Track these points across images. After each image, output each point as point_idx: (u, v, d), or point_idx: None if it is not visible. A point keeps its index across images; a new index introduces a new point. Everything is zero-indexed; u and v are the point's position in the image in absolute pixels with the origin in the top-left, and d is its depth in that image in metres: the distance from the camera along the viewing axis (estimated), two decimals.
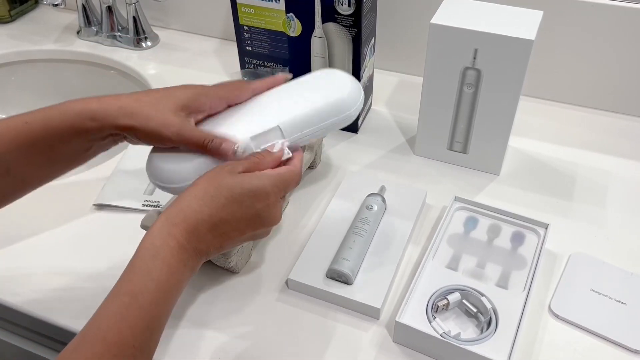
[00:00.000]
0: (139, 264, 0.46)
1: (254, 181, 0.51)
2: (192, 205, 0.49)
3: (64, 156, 0.57)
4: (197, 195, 0.50)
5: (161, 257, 0.47)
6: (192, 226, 0.49)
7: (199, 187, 0.50)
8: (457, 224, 0.70)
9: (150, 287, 0.46)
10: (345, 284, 0.63)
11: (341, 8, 0.75)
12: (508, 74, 0.70)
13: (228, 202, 0.50)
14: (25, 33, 1.13)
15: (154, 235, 0.47)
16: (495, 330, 0.58)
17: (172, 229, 0.48)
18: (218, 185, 0.50)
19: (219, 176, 0.51)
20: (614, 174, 0.80)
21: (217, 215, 0.50)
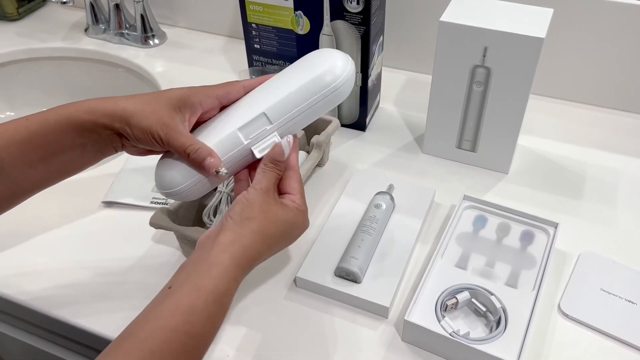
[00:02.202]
0: (202, 307, 0.46)
1: (292, 213, 0.54)
2: (255, 245, 0.50)
3: (59, 156, 0.56)
4: (258, 233, 0.51)
5: (222, 304, 0.48)
6: (251, 266, 0.51)
7: (257, 222, 0.51)
8: (466, 222, 0.70)
9: (205, 334, 0.47)
10: (354, 282, 0.63)
11: (350, 6, 0.75)
12: (518, 72, 0.69)
13: (279, 235, 0.53)
14: (33, 31, 1.13)
15: (222, 278, 0.48)
16: (505, 330, 0.58)
17: (238, 273, 0.49)
18: (271, 219, 0.52)
19: (271, 209, 0.52)
20: (624, 172, 0.79)
21: (269, 246, 0.52)
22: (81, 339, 0.64)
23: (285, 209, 0.54)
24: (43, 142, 0.55)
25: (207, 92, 0.57)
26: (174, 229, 0.64)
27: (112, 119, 0.54)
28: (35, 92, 1.13)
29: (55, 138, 0.55)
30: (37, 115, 0.55)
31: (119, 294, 0.65)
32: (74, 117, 0.54)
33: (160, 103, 0.55)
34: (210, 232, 0.52)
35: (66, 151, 0.56)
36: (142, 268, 0.68)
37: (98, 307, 0.63)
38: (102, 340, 0.61)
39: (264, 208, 0.52)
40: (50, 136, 0.55)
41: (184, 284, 0.47)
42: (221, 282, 0.47)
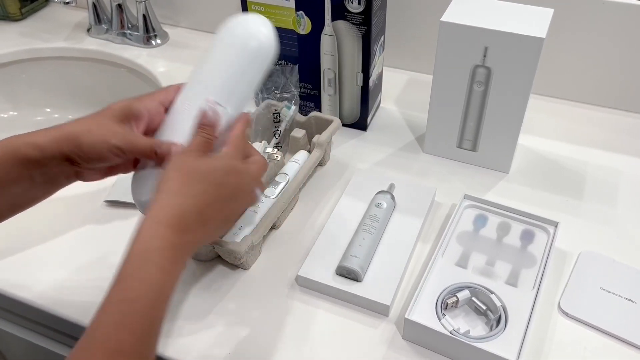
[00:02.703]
0: (132, 271, 0.45)
1: (218, 161, 0.52)
2: (173, 200, 0.48)
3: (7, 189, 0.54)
4: (173, 189, 0.49)
5: (154, 262, 0.46)
6: (179, 220, 0.48)
7: (171, 180, 0.49)
8: (466, 221, 0.71)
9: (146, 292, 0.45)
10: (355, 281, 0.64)
11: (351, 6, 0.75)
12: (518, 72, 0.70)
13: (205, 186, 0.50)
14: (36, 31, 1.14)
15: (143, 240, 0.46)
16: (505, 328, 0.58)
17: (161, 229, 0.47)
18: (189, 172, 0.50)
19: (185, 164, 0.50)
20: (624, 172, 0.80)
21: (200, 202, 0.49)
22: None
23: (203, 159, 0.51)
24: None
25: (149, 97, 0.57)
26: None
27: (60, 144, 0.52)
28: (38, 92, 1.13)
29: (2, 172, 0.53)
30: None
31: None
32: (20, 152, 0.52)
33: (105, 118, 0.54)
34: None
35: (13, 185, 0.54)
36: None
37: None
38: None
39: (179, 166, 0.50)
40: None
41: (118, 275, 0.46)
42: (144, 243, 0.46)
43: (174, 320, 0.62)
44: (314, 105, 0.89)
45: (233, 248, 0.61)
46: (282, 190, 0.71)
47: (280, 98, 0.82)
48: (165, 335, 0.61)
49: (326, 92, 0.87)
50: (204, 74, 0.57)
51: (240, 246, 0.61)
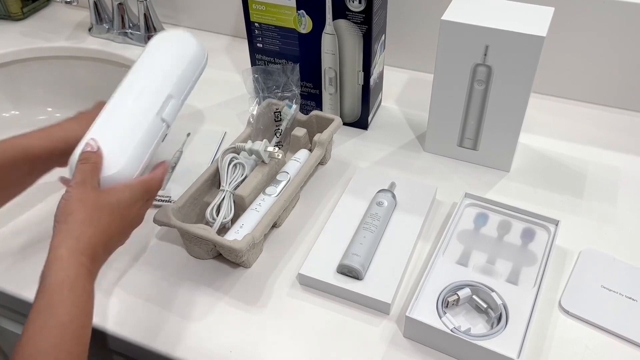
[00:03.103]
0: (61, 297, 0.49)
1: (125, 194, 0.57)
2: (86, 231, 0.53)
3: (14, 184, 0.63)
4: (85, 221, 0.53)
5: (80, 287, 0.50)
6: (93, 250, 0.53)
7: (79, 213, 0.53)
8: (467, 220, 0.71)
9: (78, 315, 0.49)
10: (356, 279, 0.64)
11: (352, 5, 0.75)
12: (519, 71, 0.70)
13: (112, 219, 0.55)
14: (37, 30, 1.14)
15: (66, 268, 0.50)
16: (506, 326, 0.58)
17: (82, 258, 0.51)
18: (96, 206, 0.55)
19: (90, 197, 0.55)
20: (625, 170, 0.80)
21: (108, 233, 0.55)
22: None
23: (105, 193, 0.56)
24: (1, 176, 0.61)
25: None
26: (178, 226, 0.64)
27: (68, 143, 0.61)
28: (40, 91, 1.13)
29: (13, 171, 0.61)
30: None
31: (123, 291, 0.65)
32: (31, 152, 0.61)
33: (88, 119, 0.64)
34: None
35: (20, 180, 0.63)
36: (146, 265, 0.68)
37: (103, 304, 0.64)
38: (107, 336, 0.62)
39: (82, 198, 0.54)
40: (7, 169, 0.61)
41: (39, 292, 0.49)
42: (67, 271, 0.50)
43: (175, 318, 0.62)
44: (315, 104, 0.89)
45: (234, 246, 0.61)
46: (283, 189, 0.71)
47: (281, 97, 0.83)
48: (167, 334, 0.61)
49: (327, 91, 0.87)
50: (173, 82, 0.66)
51: (241, 244, 0.62)
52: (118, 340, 0.62)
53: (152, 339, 0.60)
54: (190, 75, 0.69)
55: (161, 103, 0.64)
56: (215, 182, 0.73)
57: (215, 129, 0.87)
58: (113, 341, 0.62)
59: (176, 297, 0.64)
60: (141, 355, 0.62)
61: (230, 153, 0.73)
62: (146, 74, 0.66)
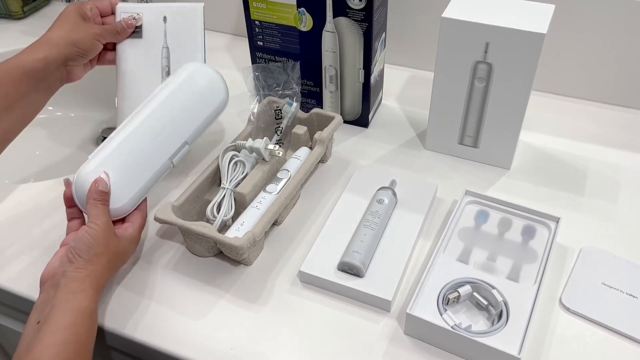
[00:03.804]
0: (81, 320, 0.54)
1: (132, 246, 0.64)
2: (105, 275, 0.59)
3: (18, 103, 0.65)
4: (105, 266, 0.59)
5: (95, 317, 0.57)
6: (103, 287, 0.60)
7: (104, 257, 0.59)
8: (468, 217, 0.71)
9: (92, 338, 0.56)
10: (357, 276, 0.64)
11: (352, 3, 0.75)
12: (519, 68, 0.70)
13: (120, 263, 0.63)
14: (38, 29, 1.13)
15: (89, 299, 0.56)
16: (506, 323, 0.58)
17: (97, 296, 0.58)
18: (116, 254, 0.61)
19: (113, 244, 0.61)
20: (626, 168, 0.80)
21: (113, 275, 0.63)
22: None
23: (121, 240, 0.62)
24: (2, 95, 0.63)
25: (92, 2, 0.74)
26: (179, 224, 0.64)
27: (60, 50, 0.66)
28: None
29: (11, 88, 0.64)
30: (24, 56, 0.65)
31: (123, 289, 0.65)
32: (27, 67, 0.65)
33: (74, 20, 0.69)
34: (52, 268, 0.59)
35: (23, 98, 0.65)
36: (147, 263, 0.68)
37: (104, 302, 0.64)
38: (109, 335, 0.62)
39: (108, 243, 0.60)
40: (5, 88, 0.63)
41: (55, 313, 0.54)
42: (89, 302, 0.56)
43: (176, 316, 0.62)
44: (316, 102, 0.89)
45: (235, 244, 0.61)
46: (284, 187, 0.71)
47: (281, 95, 0.83)
48: (168, 331, 0.61)
49: (328, 89, 0.87)
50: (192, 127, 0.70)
51: (242, 242, 0.62)
52: (118, 338, 0.62)
53: (152, 336, 0.60)
54: (209, 122, 0.71)
55: (175, 149, 0.68)
56: (216, 179, 0.73)
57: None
58: (113, 338, 0.62)
59: (177, 295, 0.65)
60: (141, 353, 0.62)
61: (230, 151, 0.73)
62: (170, 114, 0.67)
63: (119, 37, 0.73)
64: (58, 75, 0.68)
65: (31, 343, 0.52)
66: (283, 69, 0.83)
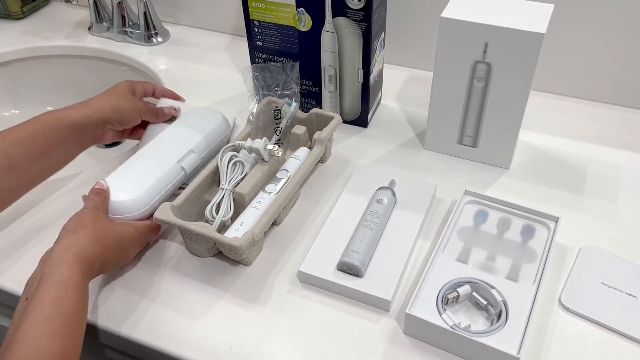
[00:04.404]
0: (65, 293, 0.54)
1: (129, 230, 0.64)
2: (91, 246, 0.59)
3: (56, 150, 0.69)
4: (92, 237, 0.59)
5: (82, 287, 0.56)
6: (92, 264, 0.58)
7: (90, 229, 0.60)
8: (467, 217, 0.71)
9: (79, 311, 0.55)
10: (356, 276, 0.64)
11: (351, 2, 0.75)
12: (519, 68, 0.70)
13: (113, 245, 0.62)
14: (37, 29, 1.14)
15: (70, 269, 0.55)
16: (506, 323, 0.58)
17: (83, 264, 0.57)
18: (105, 229, 0.62)
19: (102, 220, 0.62)
20: (625, 167, 0.80)
21: (105, 255, 0.60)
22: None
23: (115, 223, 0.64)
24: (44, 139, 0.68)
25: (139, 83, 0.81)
26: (178, 224, 0.64)
27: (105, 112, 0.73)
28: (40, 90, 1.13)
29: (53, 135, 0.68)
30: (32, 120, 0.68)
31: (123, 288, 0.65)
32: (72, 119, 0.70)
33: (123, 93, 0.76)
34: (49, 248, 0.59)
35: (62, 146, 0.70)
36: (146, 262, 0.68)
37: (103, 301, 0.64)
38: (105, 333, 0.62)
39: (95, 219, 0.62)
40: (48, 133, 0.68)
41: (40, 288, 0.53)
42: (71, 273, 0.55)
43: (175, 316, 0.62)
44: (315, 102, 0.89)
45: (234, 244, 0.61)
46: (283, 187, 0.71)
47: (281, 95, 0.83)
48: (167, 331, 0.61)
49: (327, 89, 0.87)
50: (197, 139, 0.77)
51: (241, 242, 0.62)
52: (116, 337, 0.62)
53: (151, 336, 0.60)
54: (213, 139, 0.79)
55: (182, 154, 0.73)
56: (215, 179, 0.73)
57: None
58: (111, 338, 0.62)
59: (176, 295, 0.65)
60: (140, 353, 0.62)
61: (230, 151, 0.73)
62: (171, 137, 0.76)
63: (157, 119, 0.80)
64: (95, 133, 0.73)
65: (19, 321, 0.52)
66: (282, 69, 0.83)
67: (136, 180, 0.69)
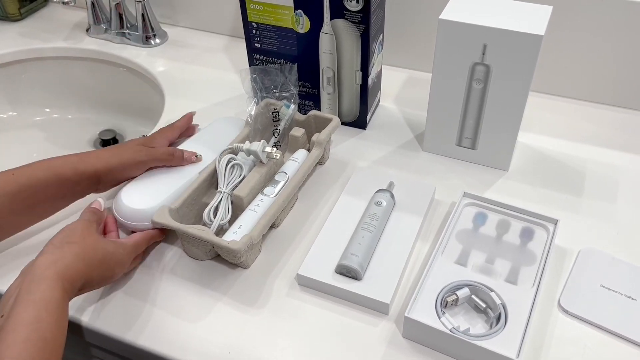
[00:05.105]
0: (45, 315, 0.50)
1: (118, 250, 0.61)
2: (75, 265, 0.55)
3: (42, 205, 0.66)
4: (78, 255, 0.56)
5: (62, 308, 0.52)
6: (74, 283, 0.55)
7: (77, 246, 0.57)
8: (466, 219, 0.70)
9: (58, 335, 0.51)
10: (354, 279, 0.64)
11: (350, 4, 0.75)
12: (517, 70, 0.70)
13: (99, 265, 0.59)
14: (35, 31, 1.14)
15: (52, 288, 0.52)
16: (505, 326, 0.58)
17: (65, 283, 0.54)
18: (93, 247, 0.58)
19: (92, 237, 0.60)
20: (624, 169, 0.80)
21: (90, 274, 0.57)
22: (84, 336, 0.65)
23: (105, 241, 0.61)
24: (30, 194, 0.63)
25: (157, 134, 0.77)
26: (176, 227, 0.64)
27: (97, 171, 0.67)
28: (38, 92, 1.13)
29: (42, 190, 0.64)
30: (23, 169, 0.64)
31: (120, 292, 0.65)
32: (62, 174, 0.65)
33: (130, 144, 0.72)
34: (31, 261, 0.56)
35: (50, 200, 0.66)
36: (144, 266, 0.68)
37: (101, 305, 0.64)
38: (103, 337, 0.62)
39: (84, 235, 0.59)
40: (37, 188, 0.64)
41: (17, 305, 0.50)
42: (53, 292, 0.52)
43: (173, 319, 0.62)
44: (313, 104, 0.89)
45: (232, 247, 0.61)
46: (282, 189, 0.71)
47: (279, 97, 0.82)
48: (165, 335, 0.61)
49: (325, 91, 0.87)
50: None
51: (239, 245, 0.61)
52: (113, 341, 0.61)
53: (149, 340, 0.60)
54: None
55: (204, 165, 0.74)
56: (214, 182, 0.73)
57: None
58: (108, 342, 0.62)
59: (174, 298, 0.64)
60: (137, 357, 0.61)
61: (228, 154, 0.73)
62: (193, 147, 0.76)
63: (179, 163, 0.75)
64: (86, 188, 0.68)
65: None
66: (280, 71, 0.82)
67: (156, 189, 0.70)
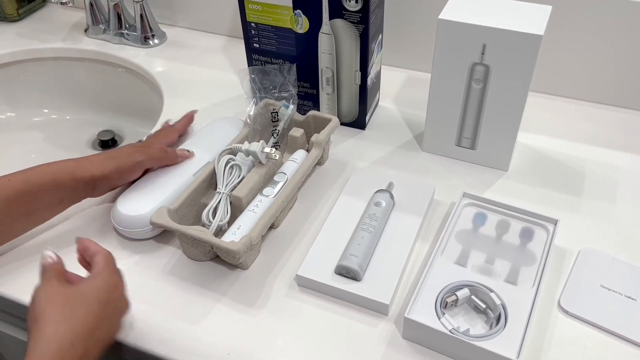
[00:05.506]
0: None
1: (97, 280, 0.54)
2: (59, 331, 0.49)
3: (39, 210, 0.65)
4: (57, 320, 0.50)
5: None
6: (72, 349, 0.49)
7: (49, 312, 0.50)
8: (465, 220, 0.70)
9: None
10: (354, 280, 0.63)
11: (349, 4, 0.75)
12: (517, 70, 0.70)
13: (88, 309, 0.52)
14: (33, 31, 1.14)
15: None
16: (505, 326, 0.58)
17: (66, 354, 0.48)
18: (67, 300, 0.51)
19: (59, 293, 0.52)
20: (624, 169, 0.80)
21: (86, 325, 0.51)
22: None
23: (75, 286, 0.53)
24: (27, 200, 0.63)
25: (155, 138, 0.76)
26: (175, 228, 0.64)
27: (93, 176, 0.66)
28: (36, 93, 1.13)
29: (38, 196, 0.64)
30: (19, 175, 0.63)
31: None
32: (58, 179, 0.64)
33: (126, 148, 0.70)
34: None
35: (46, 206, 0.65)
36: (143, 267, 0.68)
37: None
38: None
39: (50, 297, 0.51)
40: (33, 194, 0.63)
41: None
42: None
43: (172, 320, 0.62)
44: (312, 104, 0.89)
45: (232, 248, 0.61)
46: (281, 190, 0.71)
47: (278, 97, 0.82)
48: (163, 336, 0.60)
49: (324, 91, 0.86)
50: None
51: (238, 246, 0.61)
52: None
53: (148, 341, 0.60)
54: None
55: (199, 167, 0.74)
56: (213, 182, 0.73)
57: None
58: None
59: (173, 299, 0.64)
60: (136, 358, 0.61)
61: (227, 154, 0.73)
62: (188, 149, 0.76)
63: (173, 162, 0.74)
64: (84, 193, 0.68)
65: None
66: (279, 71, 0.82)
67: (150, 193, 0.69)
